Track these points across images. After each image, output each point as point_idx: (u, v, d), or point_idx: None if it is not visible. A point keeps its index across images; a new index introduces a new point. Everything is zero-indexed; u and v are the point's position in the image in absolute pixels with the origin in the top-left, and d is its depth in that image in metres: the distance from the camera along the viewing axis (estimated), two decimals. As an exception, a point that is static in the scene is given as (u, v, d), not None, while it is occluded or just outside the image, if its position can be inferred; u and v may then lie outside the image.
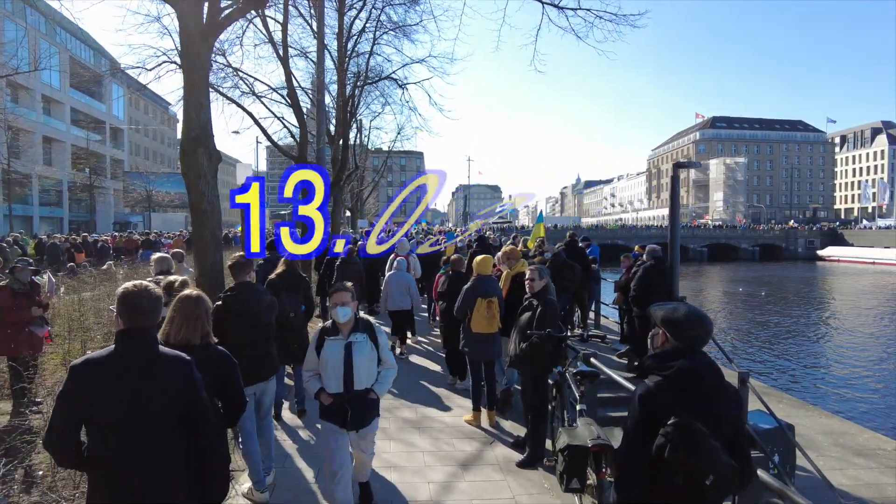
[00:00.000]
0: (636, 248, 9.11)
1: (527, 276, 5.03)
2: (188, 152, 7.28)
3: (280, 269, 5.96)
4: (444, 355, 7.77)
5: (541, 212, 11.77)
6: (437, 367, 8.07)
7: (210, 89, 14.37)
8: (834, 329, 21.59)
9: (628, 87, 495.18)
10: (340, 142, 15.28)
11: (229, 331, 4.16)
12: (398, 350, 8.66)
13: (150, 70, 12.97)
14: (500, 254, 6.61)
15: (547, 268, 7.89)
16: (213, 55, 14.29)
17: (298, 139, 14.34)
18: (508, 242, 14.58)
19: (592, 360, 4.26)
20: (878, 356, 17.01)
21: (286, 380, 6.51)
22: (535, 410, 4.94)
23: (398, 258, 9.20)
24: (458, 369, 7.18)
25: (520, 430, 5.71)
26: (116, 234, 30.00)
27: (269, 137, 14.34)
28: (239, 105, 14.15)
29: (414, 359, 8.61)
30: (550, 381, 4.90)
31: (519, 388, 6.24)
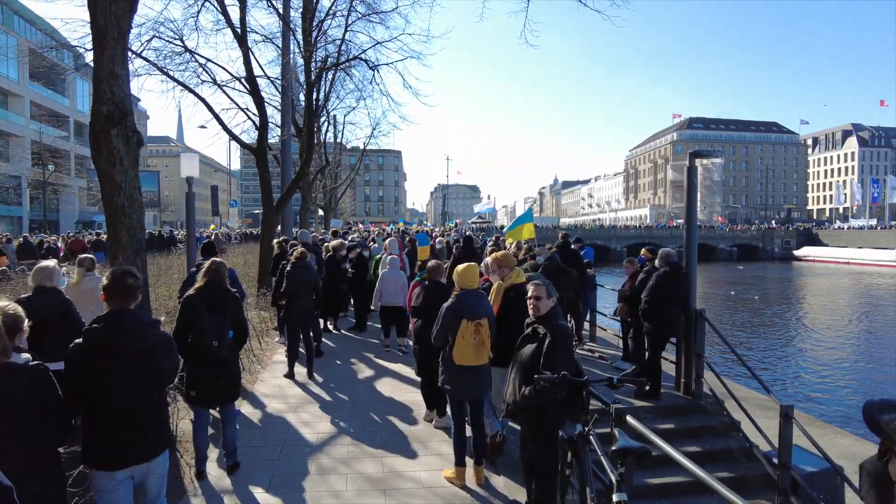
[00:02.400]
0: (643, 251, 7.87)
1: (530, 294, 3.72)
2: (99, 133, 5.81)
3: (200, 281, 4.54)
4: (419, 379, 6.43)
5: (529, 208, 10.35)
6: (410, 396, 6.71)
7: (163, 74, 12.92)
8: (840, 337, 20.37)
9: (605, 87, 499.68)
10: (308, 131, 13.80)
11: (95, 385, 2.74)
12: (398, 343, 9.01)
13: (90, 50, 11.32)
14: (489, 260, 5.25)
15: (540, 274, 6.63)
16: (166, 38, 12.71)
17: (258, 128, 12.83)
18: (491, 244, 13.26)
19: (630, 419, 2.97)
20: (890, 366, 16.08)
21: (210, 428, 5.04)
22: (541, 476, 3.64)
23: (391, 256, 9.12)
24: (435, 401, 5.84)
25: (517, 493, 4.40)
26: (68, 234, 27.88)
27: (224, 126, 12.78)
28: (191, 90, 12.53)
29: (382, 385, 7.23)
30: (563, 436, 3.61)
31: (517, 426, 4.96)
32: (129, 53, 11.28)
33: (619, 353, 8.79)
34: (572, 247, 9.39)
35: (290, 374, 7.40)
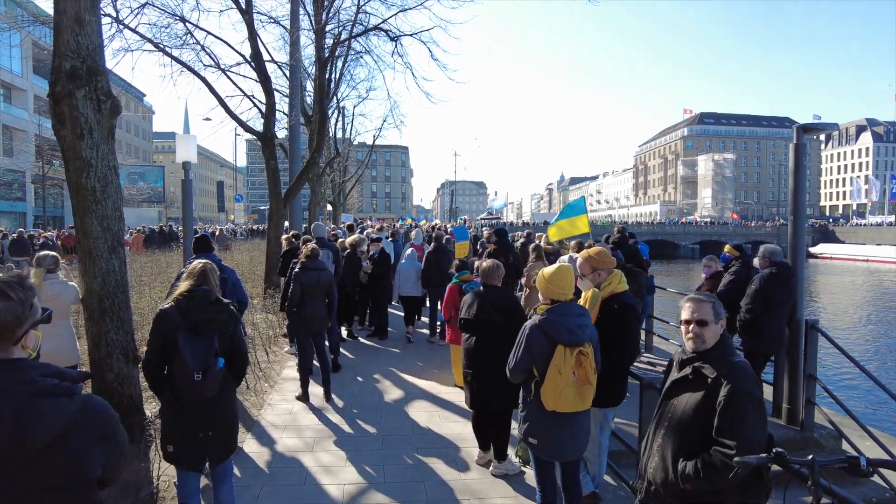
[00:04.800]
0: (727, 248, 6.56)
1: (688, 315, 2.41)
2: (60, 96, 4.54)
3: (180, 288, 3.24)
4: (465, 406, 5.16)
5: (581, 197, 8.87)
6: (452, 428, 5.43)
7: (159, 50, 11.63)
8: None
9: (611, 83, 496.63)
10: (320, 115, 12.51)
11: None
12: (408, 334, 9.22)
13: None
14: (577, 260, 3.89)
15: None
16: (160, 7, 11.39)
17: (264, 112, 11.55)
18: (521, 240, 11.96)
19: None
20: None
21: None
22: None
23: (411, 248, 9.75)
24: (491, 440, 4.54)
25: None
26: (63, 229, 26.70)
27: (228, 110, 11.49)
28: (192, 70, 11.26)
29: (416, 411, 5.92)
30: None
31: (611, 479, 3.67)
32: (119, 25, 10.08)
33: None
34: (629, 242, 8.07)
35: (303, 396, 6.13)
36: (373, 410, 5.87)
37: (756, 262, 5.73)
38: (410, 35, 10.85)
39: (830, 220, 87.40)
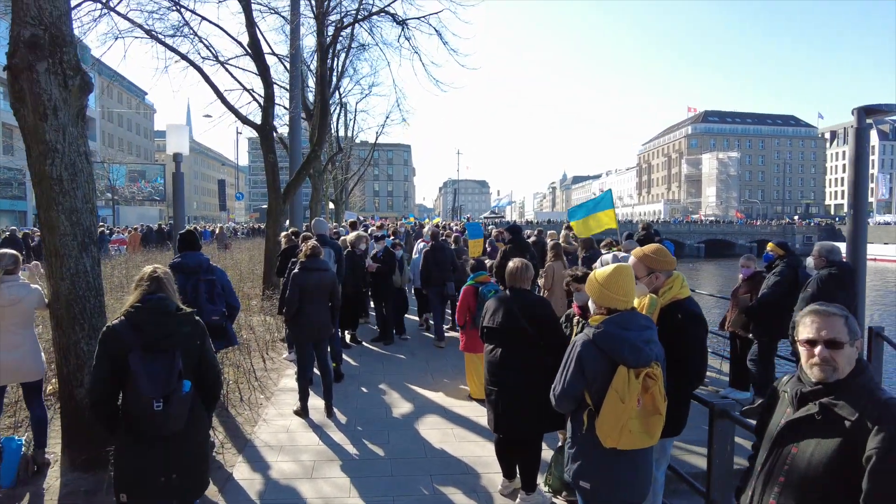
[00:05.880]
0: (769, 246, 5.94)
1: (810, 333, 1.79)
2: (19, 69, 3.93)
3: (131, 299, 2.60)
4: (487, 426, 4.58)
5: (609, 190, 8.13)
6: (470, 449, 4.82)
7: (152, 38, 11.01)
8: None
9: (617, 81, 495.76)
10: (321, 106, 11.89)
11: None
12: (424, 325, 9.68)
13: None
14: (630, 258, 3.24)
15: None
16: (162, 3, 10.77)
17: (262, 103, 10.94)
18: (532, 239, 11.38)
19: None
20: None
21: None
22: None
23: (422, 243, 9.97)
24: (518, 467, 3.93)
25: None
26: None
27: (224, 101, 10.86)
28: (188, 60, 10.65)
29: (428, 428, 5.30)
30: None
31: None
32: (105, 8, 9.47)
33: (721, 377, 6.89)
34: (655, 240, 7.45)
35: (301, 411, 5.53)
36: (379, 427, 5.26)
37: (810, 261, 5.12)
38: (418, 19, 10.18)
39: (837, 219, 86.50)
